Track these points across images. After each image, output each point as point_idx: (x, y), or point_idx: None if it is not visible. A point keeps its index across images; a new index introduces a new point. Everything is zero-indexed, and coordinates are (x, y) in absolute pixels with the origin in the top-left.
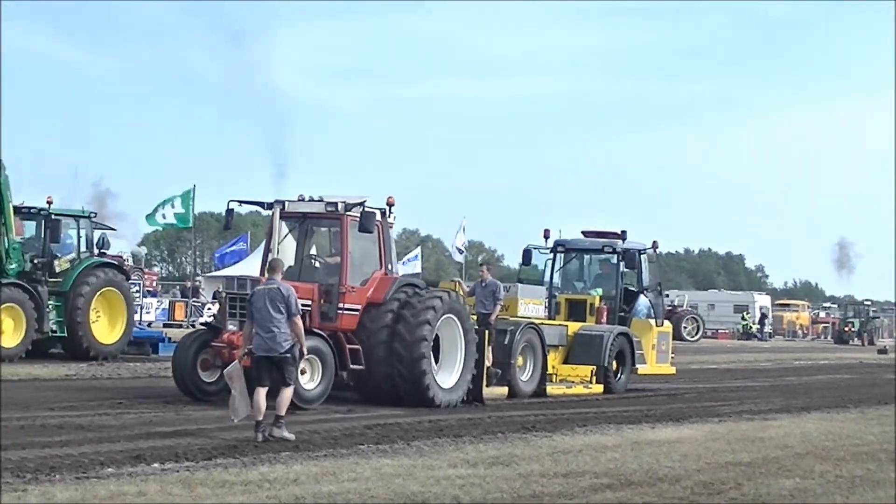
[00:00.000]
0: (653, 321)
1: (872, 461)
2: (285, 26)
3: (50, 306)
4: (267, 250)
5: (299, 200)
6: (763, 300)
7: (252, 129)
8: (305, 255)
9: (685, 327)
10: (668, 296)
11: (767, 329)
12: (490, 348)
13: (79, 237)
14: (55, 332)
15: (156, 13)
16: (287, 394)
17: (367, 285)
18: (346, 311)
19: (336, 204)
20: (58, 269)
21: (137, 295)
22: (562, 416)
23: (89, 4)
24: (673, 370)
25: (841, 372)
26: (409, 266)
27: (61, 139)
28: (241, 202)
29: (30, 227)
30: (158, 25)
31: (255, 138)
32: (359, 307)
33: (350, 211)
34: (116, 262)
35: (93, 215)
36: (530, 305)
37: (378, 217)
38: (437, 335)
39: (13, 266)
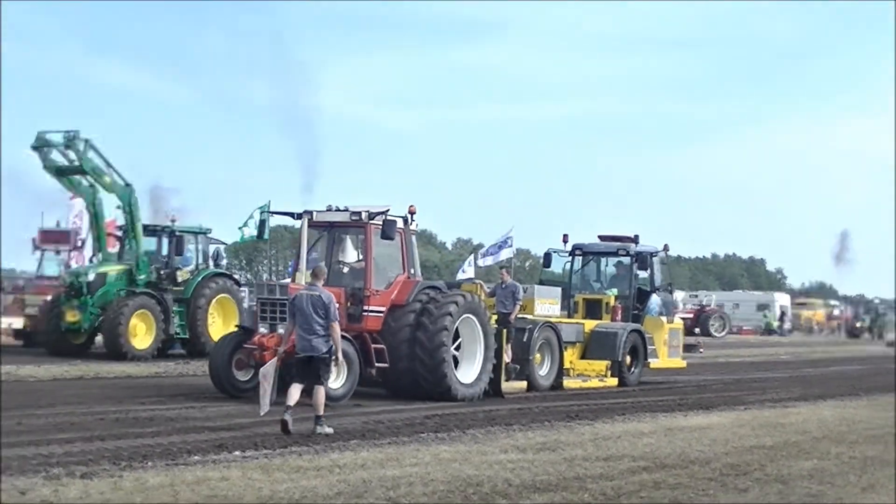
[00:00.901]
0: (664, 318)
1: (882, 444)
2: (350, 56)
3: (174, 312)
4: (297, 257)
5: (327, 210)
6: (783, 299)
7: (308, 149)
8: (334, 261)
9: (713, 324)
10: (696, 296)
11: (787, 325)
12: (509, 346)
13: (197, 251)
14: (178, 334)
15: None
16: (321, 393)
17: (391, 288)
18: (370, 313)
19: (360, 213)
20: (180, 279)
21: None
22: (602, 406)
23: (163, 37)
24: (683, 364)
25: (853, 364)
26: (468, 272)
27: (138, 160)
28: (272, 213)
29: (150, 242)
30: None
31: (312, 158)
32: (383, 309)
33: (373, 219)
34: (228, 273)
35: (208, 231)
36: (546, 305)
37: (400, 225)
38: (457, 334)
39: (142, 277)
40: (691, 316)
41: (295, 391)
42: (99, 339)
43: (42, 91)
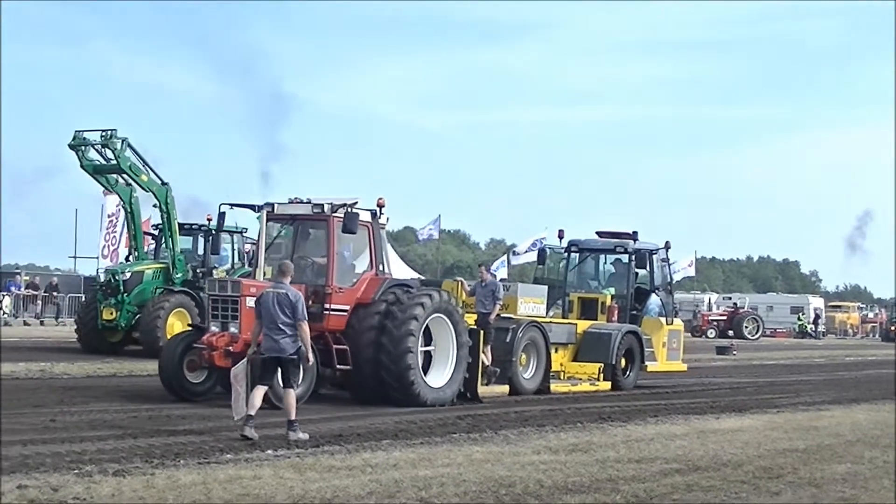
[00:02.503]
0: (664, 319)
1: None
2: (385, 58)
3: None
4: (256, 253)
5: (288, 203)
6: (817, 302)
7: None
8: (296, 256)
9: (746, 327)
10: (730, 298)
11: (821, 328)
12: (489, 347)
13: (233, 249)
14: None
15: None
16: (292, 397)
17: (356, 286)
18: (332, 312)
19: (322, 205)
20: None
21: None
22: (635, 408)
23: (219, 37)
24: (684, 367)
25: (888, 367)
26: (498, 272)
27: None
28: (231, 205)
29: (186, 241)
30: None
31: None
32: (347, 308)
33: (336, 212)
34: None
35: (244, 230)
36: (530, 304)
37: (368, 218)
38: (430, 335)
39: (179, 275)
40: (725, 318)
41: (258, 396)
42: (135, 337)
43: (83, 90)
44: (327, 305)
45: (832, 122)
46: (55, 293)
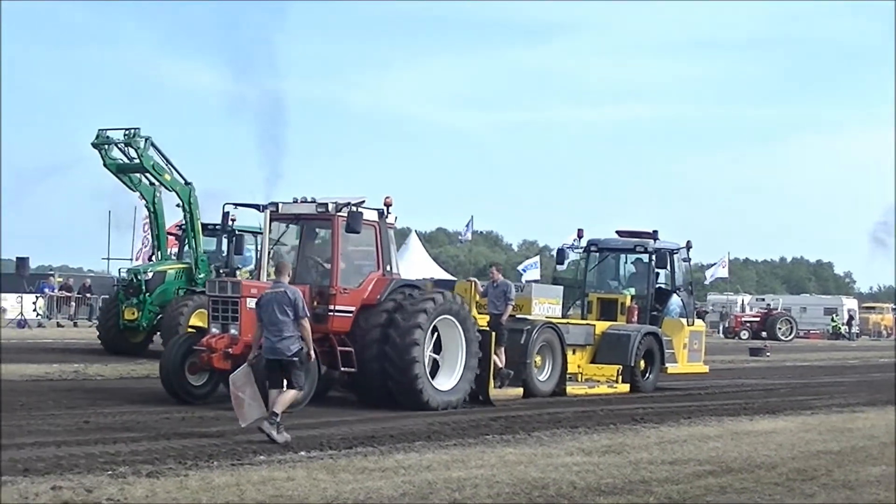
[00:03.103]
0: (684, 320)
1: None
2: (419, 58)
3: None
4: (260, 253)
5: (293, 202)
6: (850, 303)
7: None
8: (302, 256)
9: (780, 328)
10: (763, 299)
11: (855, 330)
12: (502, 349)
13: (257, 250)
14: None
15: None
16: (289, 395)
17: (362, 287)
18: (337, 313)
19: (327, 204)
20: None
21: None
22: (668, 409)
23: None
24: (705, 369)
25: None
26: (530, 273)
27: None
28: (236, 205)
29: (209, 241)
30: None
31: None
32: (352, 309)
33: (341, 211)
34: None
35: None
36: (545, 305)
37: (374, 218)
38: (438, 336)
39: (202, 276)
40: (758, 319)
41: (275, 396)
42: (157, 338)
43: (116, 90)
44: (332, 306)
45: (867, 120)
46: (88, 294)
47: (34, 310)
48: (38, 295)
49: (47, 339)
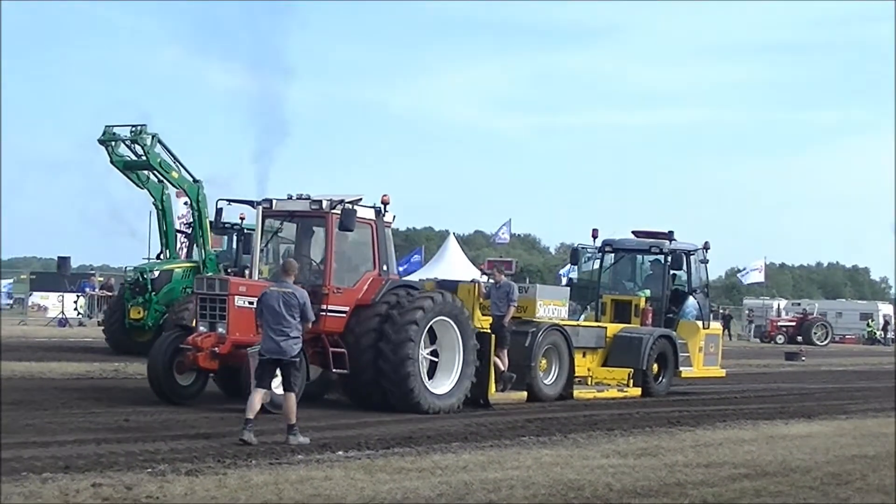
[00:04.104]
0: (700, 323)
1: None
2: (461, 61)
3: None
4: (252, 250)
5: (287, 199)
6: (886, 308)
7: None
8: (298, 254)
9: (815, 333)
10: (799, 304)
11: (890, 335)
12: (504, 351)
13: (266, 249)
14: None
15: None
16: (292, 400)
17: (357, 286)
18: (330, 313)
19: (321, 202)
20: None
21: None
22: (703, 412)
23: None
24: (722, 373)
25: None
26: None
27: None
28: (230, 201)
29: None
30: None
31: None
32: (346, 309)
33: (335, 209)
34: None
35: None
36: (550, 307)
37: (371, 216)
38: (436, 338)
39: (209, 275)
40: (794, 324)
41: (257, 399)
42: None
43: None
44: (324, 306)
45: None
46: None
47: (75, 309)
48: (79, 294)
49: (88, 338)
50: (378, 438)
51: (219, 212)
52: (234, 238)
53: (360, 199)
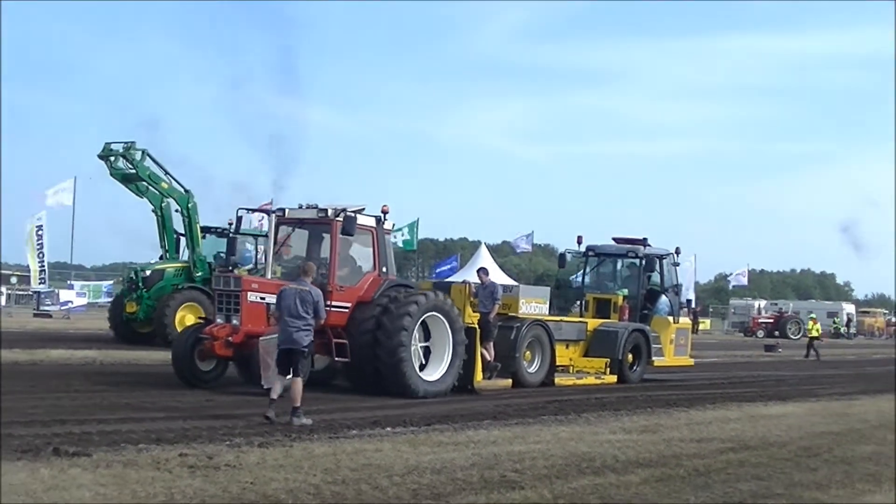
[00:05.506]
0: (672, 318)
1: None
2: (491, 98)
3: None
4: (266, 253)
5: (298, 208)
6: (849, 308)
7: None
8: (309, 257)
9: (790, 328)
10: (776, 304)
11: (852, 330)
12: (491, 344)
13: (256, 251)
14: None
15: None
16: (298, 385)
17: (359, 285)
18: (334, 308)
19: (326, 210)
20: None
21: None
22: (697, 396)
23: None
24: (691, 362)
25: None
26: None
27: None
28: (249, 210)
29: (220, 243)
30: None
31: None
32: (349, 305)
33: (338, 216)
34: None
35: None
36: (532, 304)
37: (372, 223)
38: (428, 332)
39: (199, 274)
40: (772, 321)
41: (278, 384)
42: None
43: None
44: (329, 302)
45: (865, 155)
46: None
47: None
48: None
49: None
50: (420, 417)
51: (238, 219)
52: (226, 242)
53: (363, 209)
